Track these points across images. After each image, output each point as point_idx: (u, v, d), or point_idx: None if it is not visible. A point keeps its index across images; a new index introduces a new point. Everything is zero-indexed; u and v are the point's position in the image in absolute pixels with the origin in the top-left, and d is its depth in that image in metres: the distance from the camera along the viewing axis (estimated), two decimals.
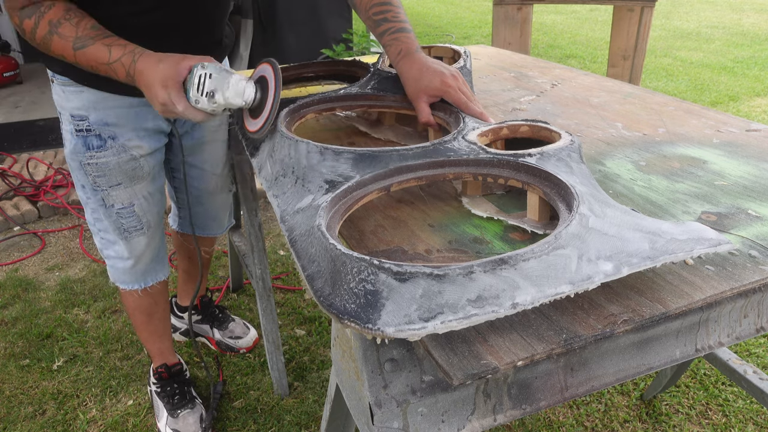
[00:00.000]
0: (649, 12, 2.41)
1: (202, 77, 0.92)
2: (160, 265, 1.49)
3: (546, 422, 1.63)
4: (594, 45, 6.38)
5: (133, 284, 1.45)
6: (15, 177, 3.04)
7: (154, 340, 1.63)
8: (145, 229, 1.37)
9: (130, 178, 1.29)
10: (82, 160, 1.25)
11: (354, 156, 0.82)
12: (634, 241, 0.62)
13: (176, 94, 0.94)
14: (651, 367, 0.66)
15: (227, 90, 0.93)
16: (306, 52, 3.98)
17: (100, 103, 1.21)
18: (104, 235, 1.37)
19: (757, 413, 1.64)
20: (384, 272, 0.56)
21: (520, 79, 1.46)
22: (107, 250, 1.40)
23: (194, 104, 0.94)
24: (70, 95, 1.21)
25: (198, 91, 0.93)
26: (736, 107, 4.31)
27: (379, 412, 0.59)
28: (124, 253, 1.39)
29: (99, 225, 1.36)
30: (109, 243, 1.38)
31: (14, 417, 1.69)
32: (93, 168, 1.25)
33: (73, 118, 1.22)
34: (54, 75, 1.22)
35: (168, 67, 0.95)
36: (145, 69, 0.97)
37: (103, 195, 1.29)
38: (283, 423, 1.65)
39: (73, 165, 1.27)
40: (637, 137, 1.05)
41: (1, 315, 2.16)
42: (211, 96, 0.93)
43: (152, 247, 1.42)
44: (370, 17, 1.12)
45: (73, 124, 1.23)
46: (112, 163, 1.25)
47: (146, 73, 0.96)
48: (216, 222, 1.68)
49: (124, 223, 1.34)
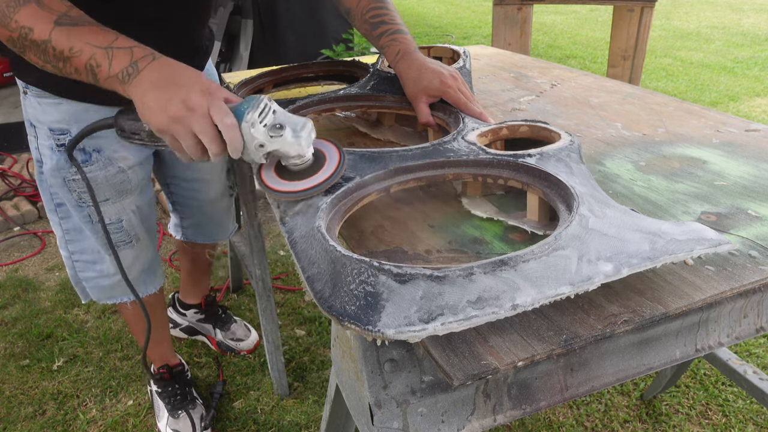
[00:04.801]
0: (649, 12, 2.41)
1: (268, 108, 0.76)
2: (151, 276, 1.42)
3: (546, 422, 1.63)
4: (594, 45, 6.38)
5: (122, 297, 1.39)
6: (15, 177, 3.04)
7: (153, 347, 1.62)
8: (133, 242, 1.31)
9: (119, 192, 1.22)
10: (66, 177, 1.17)
11: (354, 157, 0.82)
12: (634, 242, 0.62)
13: (221, 106, 0.74)
14: (651, 367, 0.66)
15: (301, 131, 0.76)
16: (306, 52, 3.98)
17: (82, 115, 1.12)
18: (80, 257, 1.30)
19: (757, 413, 1.64)
20: (384, 274, 0.56)
21: (520, 80, 1.46)
22: (86, 272, 1.33)
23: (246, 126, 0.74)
24: (47, 108, 1.12)
25: (259, 117, 0.75)
26: (735, 107, 4.31)
27: (379, 412, 0.59)
28: (110, 269, 1.32)
29: (74, 246, 1.28)
30: (88, 264, 1.31)
31: (14, 417, 1.69)
32: (78, 184, 1.18)
33: (53, 132, 1.13)
34: (27, 86, 1.12)
35: (208, 80, 0.78)
36: (174, 69, 0.78)
37: (89, 211, 1.22)
38: (283, 423, 1.65)
39: (54, 182, 1.18)
40: (636, 137, 1.05)
41: (1, 315, 2.16)
42: (278, 128, 0.75)
43: (141, 260, 1.36)
44: (367, 20, 1.11)
45: (53, 139, 1.14)
46: (100, 177, 1.18)
47: (176, 73, 0.78)
48: (221, 228, 1.67)
49: (113, 237, 1.26)
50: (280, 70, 1.34)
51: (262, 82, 1.31)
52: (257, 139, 0.75)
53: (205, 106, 0.73)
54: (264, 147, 0.76)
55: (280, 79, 1.34)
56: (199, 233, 1.65)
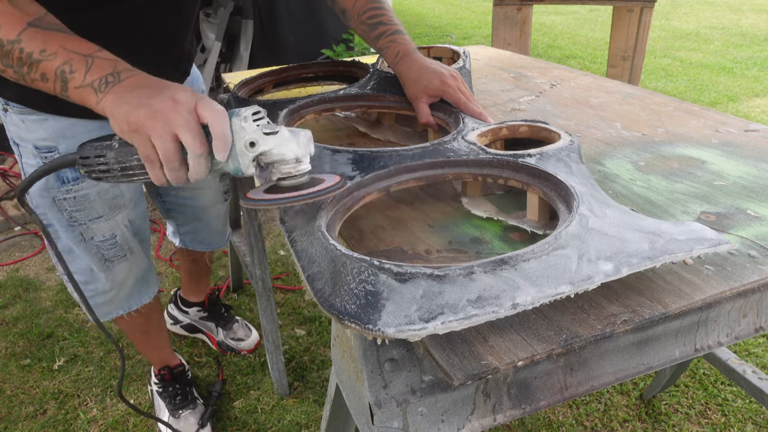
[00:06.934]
0: (648, 12, 2.41)
1: (262, 112, 0.70)
2: (145, 287, 1.38)
3: (546, 422, 1.64)
4: (593, 45, 6.38)
5: (117, 311, 1.35)
6: (16, 177, 3.04)
7: (153, 352, 1.62)
8: (127, 256, 1.27)
9: (111, 208, 1.17)
10: (56, 197, 1.10)
11: (354, 156, 0.82)
12: (633, 242, 0.62)
13: (207, 100, 0.69)
14: (650, 366, 0.66)
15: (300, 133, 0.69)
16: (306, 53, 3.98)
17: (69, 131, 1.05)
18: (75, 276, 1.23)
19: (756, 413, 1.64)
20: (384, 273, 0.56)
21: (520, 80, 1.46)
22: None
23: (238, 120, 0.68)
24: (31, 125, 1.04)
25: (253, 115, 0.69)
26: (735, 107, 4.31)
27: (379, 412, 0.59)
28: (104, 286, 1.28)
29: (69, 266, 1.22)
30: (81, 285, 1.24)
31: (15, 416, 1.69)
32: (70, 203, 1.12)
33: (38, 150, 1.07)
34: (7, 103, 1.04)
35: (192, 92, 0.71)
36: (158, 79, 0.73)
37: (81, 230, 1.16)
38: (283, 423, 1.65)
39: (43, 203, 1.11)
40: (636, 137, 1.05)
41: (2, 315, 2.16)
42: (274, 131, 0.68)
43: (135, 271, 1.32)
44: (364, 21, 1.11)
45: (39, 158, 1.08)
46: (92, 194, 1.12)
47: (160, 80, 0.73)
48: (218, 235, 1.66)
49: (105, 253, 1.23)
50: (280, 70, 1.34)
51: (262, 82, 1.31)
52: (249, 135, 0.67)
53: (192, 102, 0.67)
54: (256, 146, 0.67)
55: (280, 79, 1.34)
56: (196, 241, 1.63)
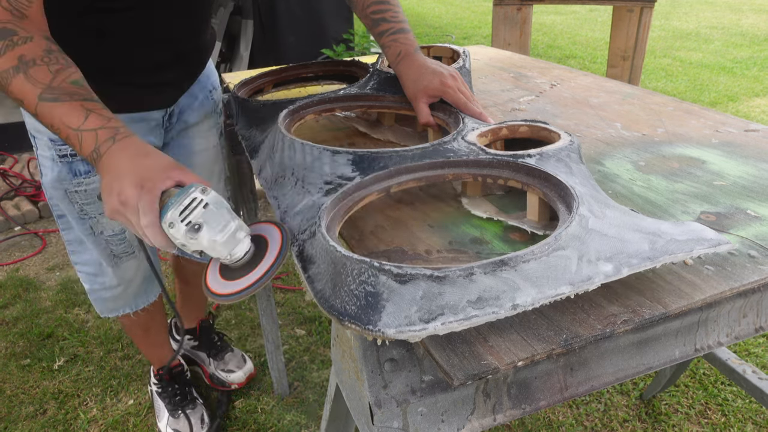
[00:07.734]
0: (648, 12, 2.41)
1: (195, 202, 0.71)
2: (151, 285, 1.40)
3: (546, 422, 1.64)
4: (593, 45, 6.38)
5: (124, 309, 1.38)
6: (16, 177, 3.04)
7: (153, 351, 1.62)
8: (136, 253, 1.29)
9: None
10: (68, 189, 1.14)
11: (353, 157, 0.82)
12: (633, 242, 0.62)
13: (149, 202, 0.72)
14: (650, 366, 0.66)
15: (218, 233, 0.70)
16: (306, 52, 3.98)
17: None
18: (83, 268, 1.28)
19: (756, 412, 1.64)
20: (384, 274, 0.56)
21: (520, 80, 1.46)
22: (89, 284, 1.31)
23: (166, 226, 0.71)
24: None
25: (181, 215, 0.70)
26: (735, 107, 4.31)
27: (379, 411, 0.59)
28: (112, 281, 1.30)
29: (77, 258, 1.27)
30: (90, 276, 1.29)
31: (15, 416, 1.69)
32: (81, 195, 1.15)
33: (53, 143, 1.10)
34: None
35: (154, 167, 0.75)
36: (124, 156, 0.77)
37: (91, 223, 1.19)
38: (283, 423, 1.65)
39: (56, 194, 1.15)
40: (636, 137, 1.05)
41: (2, 315, 2.16)
42: (195, 229, 0.70)
43: (142, 269, 1.34)
44: (368, 16, 1.11)
45: (54, 150, 1.11)
46: None
47: (123, 161, 0.76)
48: None
49: (114, 249, 1.25)
50: (280, 70, 1.34)
51: (262, 82, 1.31)
52: (178, 239, 0.71)
53: (135, 201, 0.72)
54: (186, 247, 0.72)
55: (280, 79, 1.34)
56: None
